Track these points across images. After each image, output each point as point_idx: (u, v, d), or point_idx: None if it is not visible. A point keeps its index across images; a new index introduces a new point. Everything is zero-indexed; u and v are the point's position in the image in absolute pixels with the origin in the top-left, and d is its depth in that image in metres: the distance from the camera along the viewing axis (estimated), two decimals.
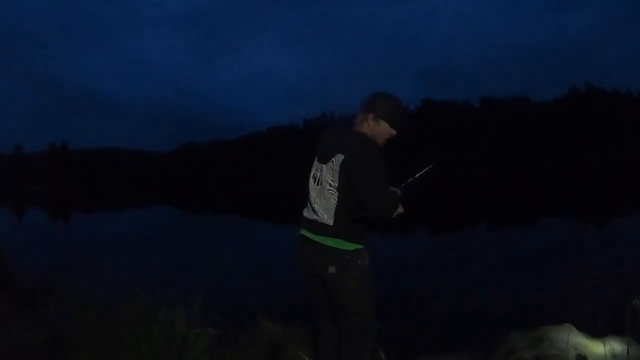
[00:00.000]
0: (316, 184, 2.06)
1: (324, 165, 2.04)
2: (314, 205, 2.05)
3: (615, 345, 2.61)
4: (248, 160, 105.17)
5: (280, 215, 20.26)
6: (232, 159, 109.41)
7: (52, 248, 10.99)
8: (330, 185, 1.98)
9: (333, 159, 1.99)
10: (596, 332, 2.84)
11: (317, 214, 2.02)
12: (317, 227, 2.01)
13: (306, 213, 2.10)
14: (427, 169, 2.26)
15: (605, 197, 21.78)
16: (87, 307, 2.90)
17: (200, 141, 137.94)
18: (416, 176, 2.22)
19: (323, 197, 2.01)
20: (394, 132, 2.10)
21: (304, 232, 2.08)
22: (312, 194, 2.08)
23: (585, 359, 2.57)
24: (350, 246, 1.97)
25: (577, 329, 2.87)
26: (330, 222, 1.97)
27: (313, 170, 2.11)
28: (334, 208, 1.96)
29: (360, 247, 2.01)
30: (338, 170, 1.95)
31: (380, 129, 2.07)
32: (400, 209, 2.07)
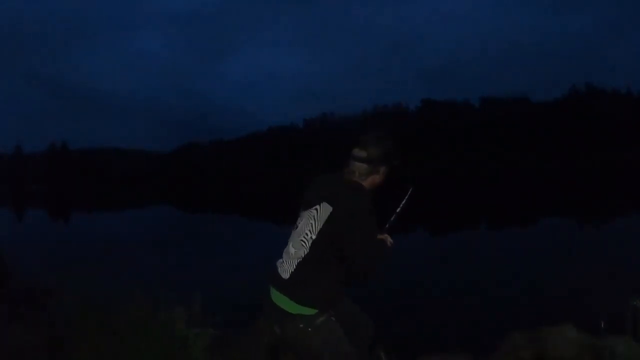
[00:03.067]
0: (295, 231, 1.83)
1: (305, 212, 1.80)
2: (284, 254, 1.84)
3: (616, 345, 2.61)
4: (248, 160, 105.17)
5: (280, 215, 20.25)
6: (232, 159, 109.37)
7: (53, 248, 10.98)
8: (306, 236, 1.74)
9: (317, 206, 1.74)
10: (596, 332, 2.84)
11: (281, 264, 1.82)
12: (275, 278, 1.81)
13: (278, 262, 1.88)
14: (407, 195, 2.04)
15: (605, 197, 21.77)
16: (88, 307, 2.90)
17: (200, 141, 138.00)
18: (399, 208, 2.04)
19: (293, 246, 1.78)
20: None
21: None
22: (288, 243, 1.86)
23: (586, 359, 2.57)
24: (295, 308, 1.71)
25: (577, 328, 2.87)
26: (287, 275, 1.75)
27: (297, 220, 1.86)
28: (299, 260, 1.73)
29: (311, 312, 1.71)
30: (323, 222, 1.70)
31: (383, 177, 1.89)
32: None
